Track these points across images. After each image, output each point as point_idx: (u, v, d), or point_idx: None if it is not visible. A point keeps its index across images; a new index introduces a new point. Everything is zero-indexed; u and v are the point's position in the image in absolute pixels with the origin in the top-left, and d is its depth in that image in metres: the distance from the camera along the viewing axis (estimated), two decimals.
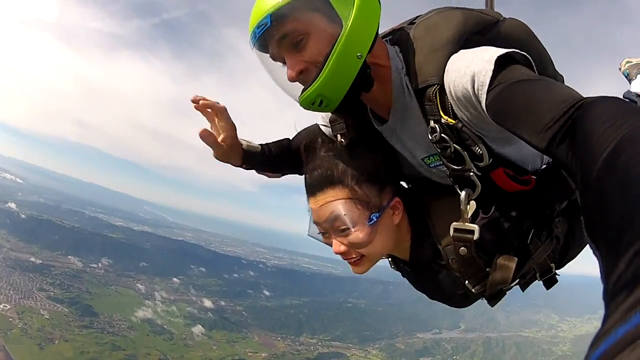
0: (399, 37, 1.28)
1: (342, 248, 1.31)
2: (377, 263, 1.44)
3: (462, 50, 1.13)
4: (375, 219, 1.28)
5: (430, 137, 1.20)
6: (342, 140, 1.43)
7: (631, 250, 0.44)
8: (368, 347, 77.23)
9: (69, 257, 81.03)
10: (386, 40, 1.30)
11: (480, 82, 1.02)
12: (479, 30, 1.22)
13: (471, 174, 1.19)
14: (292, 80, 1.17)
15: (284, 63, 1.20)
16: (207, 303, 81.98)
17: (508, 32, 1.25)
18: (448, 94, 1.12)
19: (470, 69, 1.04)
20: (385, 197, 1.34)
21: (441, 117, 1.15)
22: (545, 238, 1.31)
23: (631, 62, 3.07)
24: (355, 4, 1.12)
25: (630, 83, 2.97)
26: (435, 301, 1.59)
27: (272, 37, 1.16)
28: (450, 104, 1.14)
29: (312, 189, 1.33)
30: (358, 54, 1.14)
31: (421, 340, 79.25)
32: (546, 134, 0.83)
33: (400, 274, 1.62)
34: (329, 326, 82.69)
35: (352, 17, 1.11)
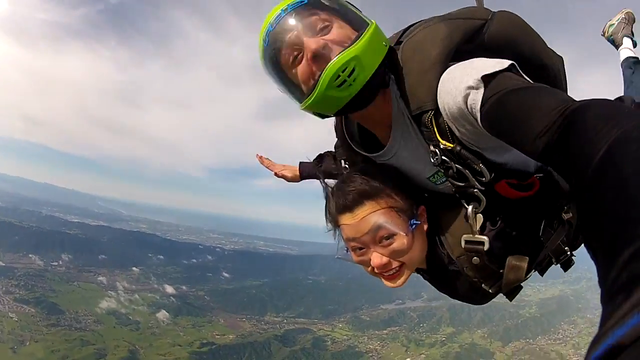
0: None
1: (384, 259, 1.30)
2: (331, 240, 1.43)
3: (450, 68, 1.13)
4: (415, 224, 1.31)
5: (432, 160, 1.22)
6: (346, 165, 1.52)
7: (627, 252, 0.43)
8: (334, 321, 77.45)
9: (30, 256, 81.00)
10: None
11: (473, 99, 1.02)
12: (467, 39, 1.22)
13: (475, 190, 1.20)
14: (315, 50, 1.12)
15: (296, 55, 1.17)
16: (169, 289, 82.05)
17: (496, 32, 1.25)
18: (444, 116, 1.13)
19: (462, 87, 1.04)
20: (414, 205, 1.37)
21: (439, 142, 1.16)
22: (557, 225, 1.31)
23: (612, 23, 2.99)
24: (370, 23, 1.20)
25: (617, 50, 2.96)
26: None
27: (305, 16, 1.16)
28: (447, 126, 1.14)
29: (349, 206, 1.32)
30: (384, 42, 1.18)
31: (385, 311, 79.19)
32: (539, 141, 0.83)
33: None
34: (292, 303, 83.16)
35: (372, 23, 1.19)
